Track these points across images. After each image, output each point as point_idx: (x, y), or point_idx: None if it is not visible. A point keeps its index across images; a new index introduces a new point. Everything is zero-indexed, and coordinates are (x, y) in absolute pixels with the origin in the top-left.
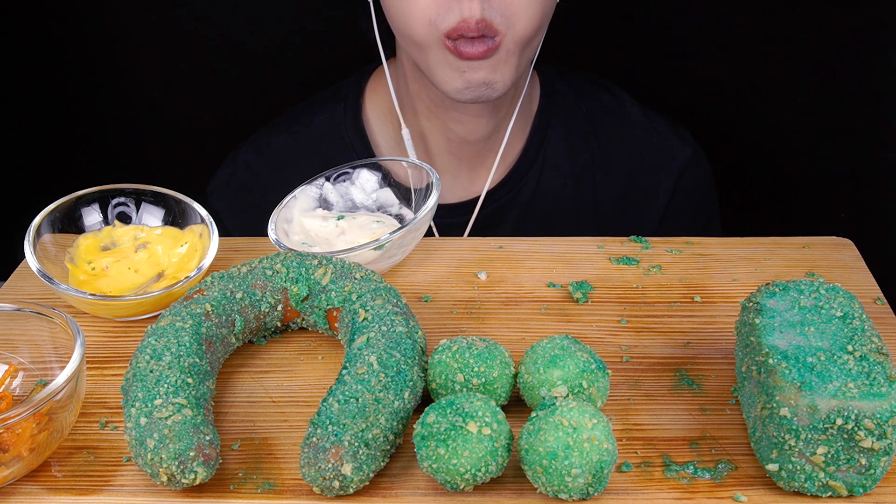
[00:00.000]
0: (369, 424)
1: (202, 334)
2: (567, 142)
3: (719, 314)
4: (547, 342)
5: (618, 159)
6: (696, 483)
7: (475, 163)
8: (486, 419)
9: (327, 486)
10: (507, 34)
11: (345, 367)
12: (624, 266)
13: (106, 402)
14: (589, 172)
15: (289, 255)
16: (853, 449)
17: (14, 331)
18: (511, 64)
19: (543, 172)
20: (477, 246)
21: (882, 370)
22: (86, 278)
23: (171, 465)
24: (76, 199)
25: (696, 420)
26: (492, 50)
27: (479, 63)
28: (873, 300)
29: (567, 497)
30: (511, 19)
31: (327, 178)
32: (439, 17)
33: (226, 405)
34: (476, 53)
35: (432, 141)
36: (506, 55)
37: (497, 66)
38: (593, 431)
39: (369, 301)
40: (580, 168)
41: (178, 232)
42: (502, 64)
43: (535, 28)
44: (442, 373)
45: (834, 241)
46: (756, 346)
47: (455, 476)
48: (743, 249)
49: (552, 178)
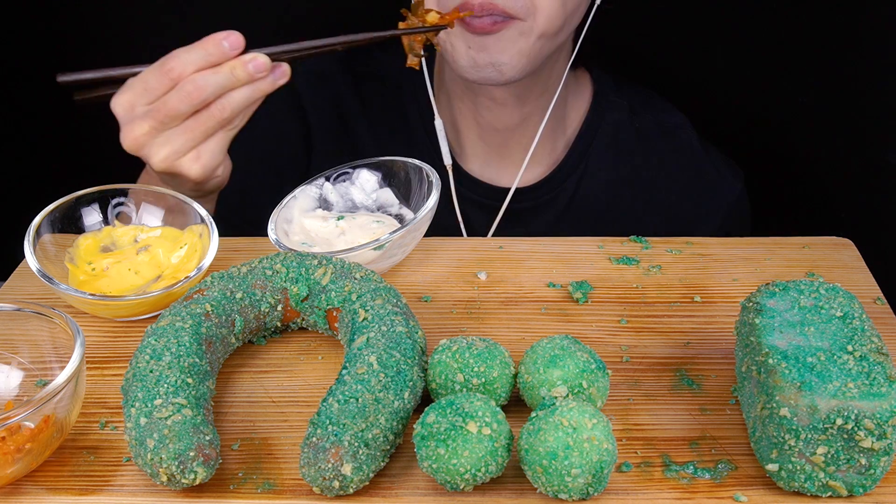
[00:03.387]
0: (369, 424)
1: (202, 334)
2: (612, 155)
3: (719, 314)
4: (547, 342)
5: (664, 182)
6: (696, 483)
7: (504, 153)
8: (486, 419)
9: (327, 486)
10: (526, 21)
11: (345, 367)
12: (624, 266)
13: (106, 402)
14: (630, 189)
15: (289, 255)
16: (853, 449)
17: (14, 331)
18: (522, 49)
19: (583, 180)
20: (477, 246)
21: (882, 370)
22: (86, 278)
23: (171, 465)
24: (76, 199)
25: (696, 420)
26: (500, 25)
27: (486, 42)
28: (873, 300)
29: (567, 497)
30: (535, 8)
31: (327, 178)
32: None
33: (226, 405)
34: (482, 25)
35: (464, 125)
36: (517, 36)
37: (505, 48)
38: (593, 431)
39: (369, 301)
40: (622, 183)
41: (178, 232)
42: (511, 45)
43: (558, 25)
44: (442, 373)
45: (834, 241)
46: (756, 346)
47: (455, 476)
48: (743, 249)
49: (591, 188)
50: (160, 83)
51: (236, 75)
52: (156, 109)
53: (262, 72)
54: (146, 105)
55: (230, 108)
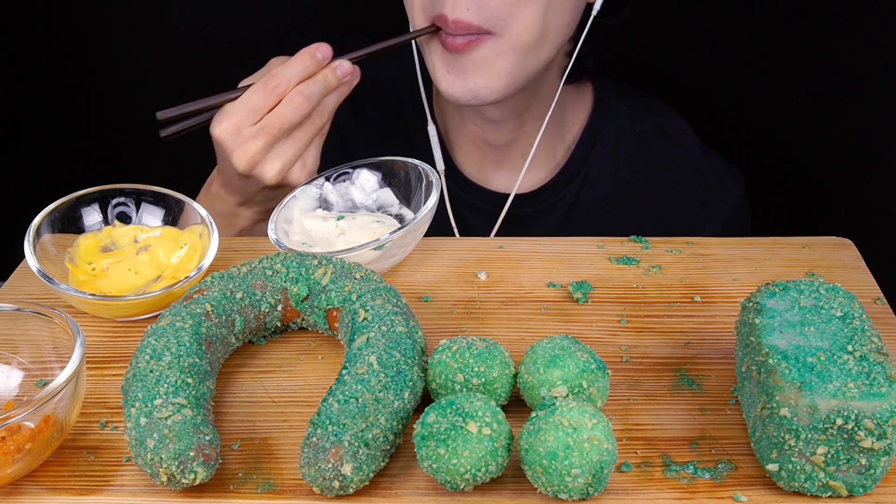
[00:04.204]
0: (369, 424)
1: (202, 334)
2: (614, 160)
3: (719, 314)
4: (547, 342)
5: (666, 186)
6: (696, 483)
7: (502, 161)
8: (486, 419)
9: (327, 486)
10: (501, 37)
11: (345, 367)
12: (624, 266)
13: (106, 402)
14: (632, 194)
15: (289, 255)
16: (853, 449)
17: (14, 331)
18: (501, 70)
19: (584, 186)
20: (477, 246)
21: (882, 370)
22: (86, 278)
23: (171, 465)
24: (76, 199)
25: (696, 420)
26: (473, 44)
27: (463, 63)
28: (873, 300)
29: (567, 497)
30: (507, 22)
31: (327, 178)
32: (431, 7)
33: (226, 405)
34: (454, 45)
35: (460, 133)
36: (494, 57)
37: (483, 70)
38: (593, 431)
39: (369, 301)
40: (623, 189)
41: (178, 232)
42: (489, 66)
43: (534, 38)
44: (442, 373)
45: (834, 241)
46: (756, 346)
47: (455, 476)
48: (743, 249)
49: (592, 194)
50: (267, 100)
51: (328, 82)
52: (269, 125)
53: (347, 76)
54: (253, 125)
55: (326, 112)
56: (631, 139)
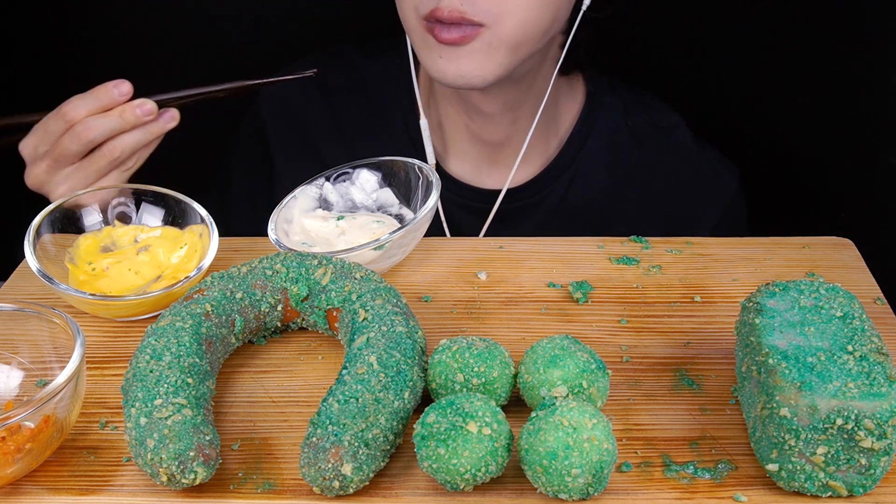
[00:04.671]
0: (369, 424)
1: (202, 334)
2: (606, 155)
3: (719, 314)
4: (547, 342)
5: (659, 182)
6: (696, 483)
7: (494, 157)
8: (486, 419)
9: (327, 486)
10: (492, 29)
11: (345, 367)
12: (624, 266)
13: (106, 402)
14: (625, 189)
15: (289, 255)
16: (853, 449)
17: (14, 331)
18: (493, 59)
19: (575, 181)
20: (477, 246)
21: (882, 370)
22: (86, 278)
23: (171, 465)
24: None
25: (696, 420)
26: (467, 38)
27: (456, 52)
28: (873, 300)
29: (567, 497)
30: (499, 16)
31: (327, 178)
32: (421, 3)
33: (226, 405)
34: (449, 38)
35: (451, 128)
36: (486, 49)
37: (475, 58)
38: (593, 431)
39: (369, 301)
40: (616, 183)
41: (178, 232)
42: (481, 56)
43: (525, 28)
44: (442, 373)
45: (834, 241)
46: (756, 346)
47: (455, 476)
48: (743, 249)
49: (584, 189)
50: (57, 126)
51: (125, 118)
52: (52, 151)
53: (149, 115)
54: (46, 146)
55: (120, 148)
56: (624, 133)
